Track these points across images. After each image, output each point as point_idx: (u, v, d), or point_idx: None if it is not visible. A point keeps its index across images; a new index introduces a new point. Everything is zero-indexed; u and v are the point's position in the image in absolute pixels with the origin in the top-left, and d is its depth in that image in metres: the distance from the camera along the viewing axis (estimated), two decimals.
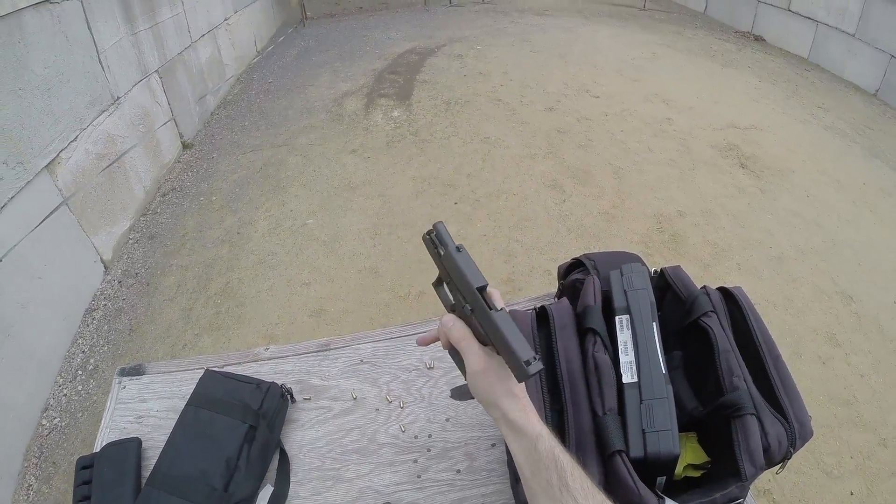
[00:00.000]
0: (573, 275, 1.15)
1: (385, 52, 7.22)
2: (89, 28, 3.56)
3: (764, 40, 9.41)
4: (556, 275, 1.27)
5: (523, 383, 0.67)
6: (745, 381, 0.84)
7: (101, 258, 3.45)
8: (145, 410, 1.14)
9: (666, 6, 11.80)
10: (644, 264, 1.09)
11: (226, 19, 6.53)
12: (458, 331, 0.69)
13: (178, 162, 4.76)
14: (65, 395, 2.75)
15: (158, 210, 4.12)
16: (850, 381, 2.75)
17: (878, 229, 3.95)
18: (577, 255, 1.21)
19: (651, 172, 4.32)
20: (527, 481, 0.66)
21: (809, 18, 8.59)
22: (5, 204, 2.62)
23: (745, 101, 6.03)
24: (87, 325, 3.12)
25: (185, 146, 4.97)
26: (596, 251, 1.20)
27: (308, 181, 4.27)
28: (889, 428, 2.55)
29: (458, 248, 0.70)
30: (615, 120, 5.16)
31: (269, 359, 1.25)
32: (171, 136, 4.76)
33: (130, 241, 3.78)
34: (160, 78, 4.58)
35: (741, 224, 3.81)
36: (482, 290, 0.67)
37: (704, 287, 1.02)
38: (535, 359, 0.60)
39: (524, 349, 0.61)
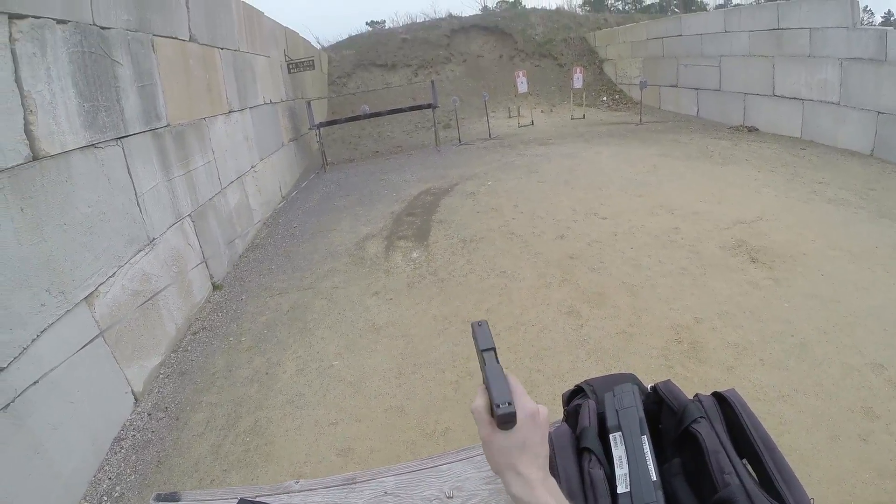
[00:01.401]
0: (575, 400, 1.25)
1: (402, 194, 7.65)
2: (129, 173, 3.91)
3: (757, 130, 9.84)
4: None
5: (538, 461, 0.72)
6: (738, 476, 0.90)
7: (132, 390, 3.55)
8: None
9: (661, 116, 12.40)
10: (637, 383, 1.18)
11: (252, 167, 7.02)
12: (477, 400, 0.74)
13: (209, 302, 4.97)
14: None
15: (189, 347, 4.26)
16: None
17: None
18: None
19: (664, 285, 4.38)
20: None
21: (795, 98, 9.05)
22: (45, 329, 2.76)
23: (748, 194, 6.22)
24: (115, 453, 3.15)
25: (216, 287, 5.20)
26: (595, 376, 1.29)
27: (333, 323, 4.39)
28: None
29: (480, 324, 0.80)
30: (624, 238, 5.31)
31: (299, 491, 1.29)
32: (202, 277, 5.00)
33: (161, 376, 3.89)
34: (192, 221, 4.90)
35: (759, 319, 3.80)
36: (486, 350, 0.76)
37: (697, 395, 1.10)
38: (507, 404, 0.69)
39: (501, 395, 0.70)
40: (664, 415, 1.11)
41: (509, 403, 0.70)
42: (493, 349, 0.77)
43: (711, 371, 3.34)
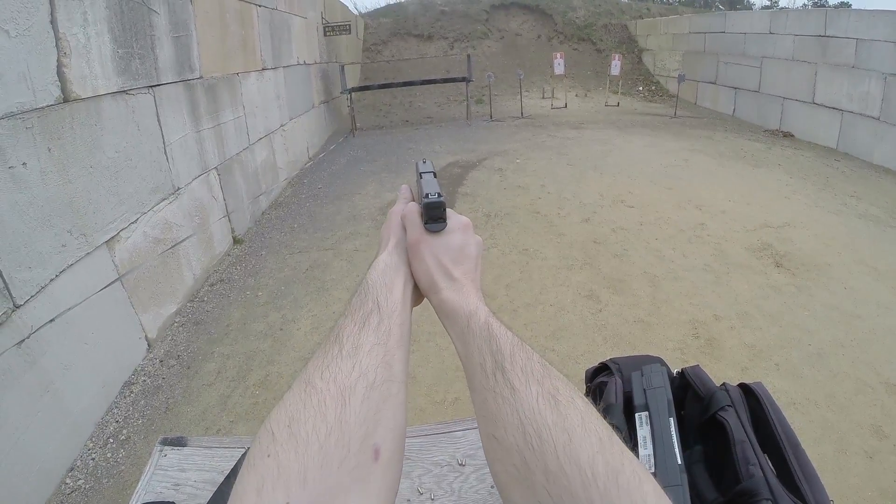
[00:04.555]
0: (599, 377, 1.21)
1: None
2: (159, 121, 3.91)
3: (793, 136, 9.65)
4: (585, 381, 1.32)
5: (472, 274, 0.63)
6: (761, 468, 0.87)
7: (146, 336, 3.58)
8: (183, 479, 1.17)
9: (696, 112, 12.21)
10: (665, 365, 1.14)
11: (282, 125, 7.03)
12: (408, 205, 0.69)
13: (229, 255, 5.00)
14: (93, 459, 2.77)
15: (206, 298, 4.29)
16: None
17: None
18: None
19: (686, 279, 4.32)
20: (469, 381, 0.54)
21: (835, 108, 8.84)
22: (64, 269, 2.79)
23: (778, 199, 6.13)
24: (125, 397, 3.19)
25: (236, 241, 5.23)
26: (621, 356, 1.26)
27: (352, 286, 4.33)
28: None
29: (425, 161, 0.76)
30: (650, 228, 5.25)
31: None
32: (224, 230, 5.02)
33: (176, 324, 3.93)
34: (218, 175, 4.92)
35: (778, 323, 3.75)
36: (425, 171, 0.71)
37: (724, 384, 1.06)
38: (437, 195, 0.62)
39: (432, 189, 0.63)
40: (689, 400, 1.08)
41: (439, 195, 0.62)
42: (434, 172, 0.72)
43: (726, 370, 3.29)
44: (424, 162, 0.75)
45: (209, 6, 4.96)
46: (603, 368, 1.24)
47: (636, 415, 0.98)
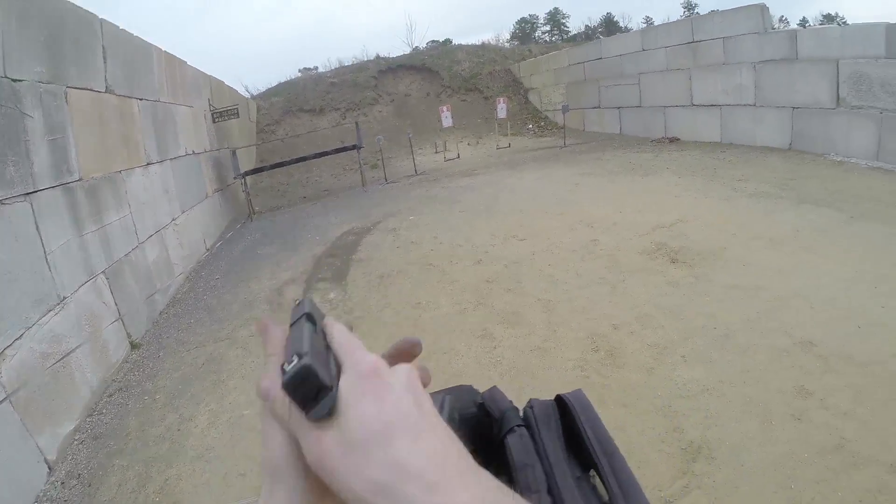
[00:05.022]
0: None
1: (325, 236, 7.64)
2: (38, 229, 3.79)
3: (679, 139, 10.37)
4: None
5: (431, 444, 0.33)
6: (551, 493, 0.76)
7: (45, 458, 3.38)
8: None
9: (585, 138, 12.85)
10: (471, 393, 1.06)
11: (173, 220, 6.88)
12: (278, 406, 0.36)
13: (126, 362, 4.80)
14: None
15: (104, 410, 4.10)
16: (833, 424, 2.64)
17: (823, 266, 4.11)
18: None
19: (581, 297, 4.46)
20: None
21: (713, 105, 9.59)
22: None
23: (668, 199, 6.49)
24: None
25: (134, 346, 5.02)
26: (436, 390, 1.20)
27: (247, 373, 4.28)
28: (893, 451, 2.43)
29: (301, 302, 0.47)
30: (542, 256, 5.42)
31: None
32: (119, 335, 4.83)
33: (76, 442, 3.73)
34: (107, 279, 4.75)
35: (679, 317, 3.87)
36: (297, 316, 0.44)
37: (530, 401, 0.99)
38: (297, 356, 0.35)
39: (296, 345, 0.37)
40: (494, 427, 0.97)
41: (301, 356, 0.35)
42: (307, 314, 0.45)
43: (630, 375, 3.37)
44: (299, 304, 0.46)
45: (86, 105, 4.92)
46: None
47: None
